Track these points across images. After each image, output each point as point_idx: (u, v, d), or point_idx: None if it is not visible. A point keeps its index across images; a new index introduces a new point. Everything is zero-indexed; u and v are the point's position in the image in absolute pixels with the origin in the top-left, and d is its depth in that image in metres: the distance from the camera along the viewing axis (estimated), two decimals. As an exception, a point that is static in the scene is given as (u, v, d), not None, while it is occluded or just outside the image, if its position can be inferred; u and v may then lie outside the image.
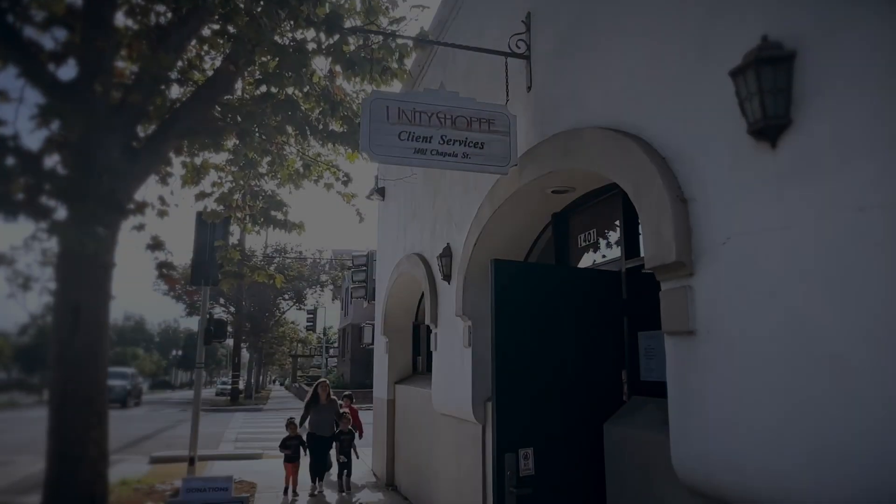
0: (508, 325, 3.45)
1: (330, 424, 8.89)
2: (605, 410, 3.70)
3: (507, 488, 3.26)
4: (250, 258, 14.89)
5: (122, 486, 9.50)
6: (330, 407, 9.06)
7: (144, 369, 67.90)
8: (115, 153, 5.73)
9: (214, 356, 78.35)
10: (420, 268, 7.49)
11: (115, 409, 21.81)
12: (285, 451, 8.59)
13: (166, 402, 34.94)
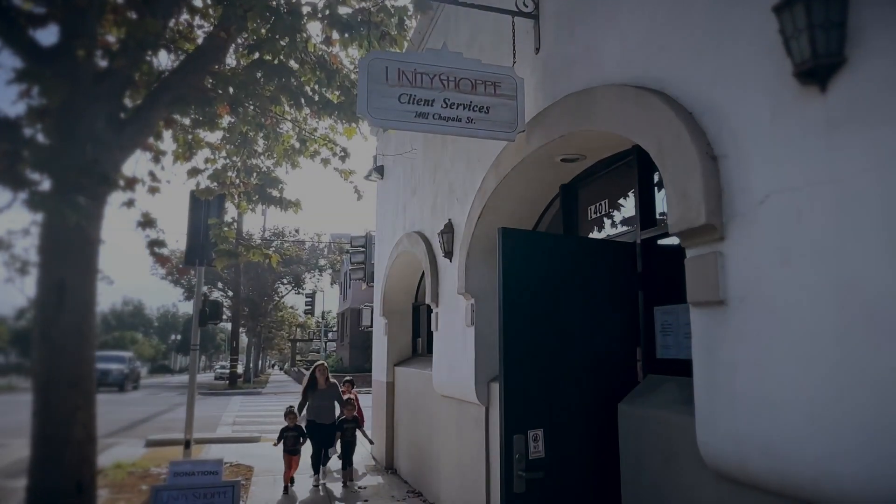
0: (517, 299, 3.21)
1: (330, 410, 8.17)
2: (620, 390, 3.47)
3: (515, 471, 3.04)
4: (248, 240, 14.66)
5: (117, 469, 9.34)
6: (330, 391, 8.29)
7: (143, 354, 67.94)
8: (100, 123, 5.45)
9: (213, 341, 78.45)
10: (420, 245, 7.25)
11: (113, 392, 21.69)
12: (283, 442, 7.88)
13: (165, 385, 34.87)
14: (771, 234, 2.20)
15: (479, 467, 5.36)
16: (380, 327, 9.98)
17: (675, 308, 3.40)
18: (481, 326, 5.40)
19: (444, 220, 6.33)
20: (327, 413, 8.13)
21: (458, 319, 5.86)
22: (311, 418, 8.03)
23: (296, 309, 51.87)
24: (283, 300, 44.80)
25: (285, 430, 7.87)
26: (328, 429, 8.06)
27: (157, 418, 16.35)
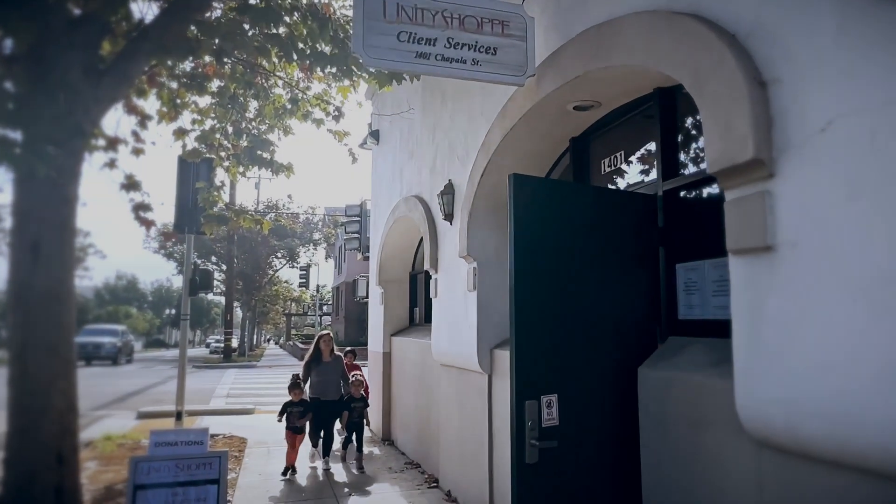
0: (529, 252, 2.90)
1: (336, 386, 7.25)
2: (639, 353, 3.20)
3: (527, 441, 2.77)
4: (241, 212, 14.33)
5: (106, 441, 9.10)
6: (335, 365, 7.35)
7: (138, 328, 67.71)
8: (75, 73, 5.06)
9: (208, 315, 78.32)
10: (418, 209, 6.92)
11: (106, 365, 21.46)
12: (287, 418, 6.89)
13: (160, 359, 34.69)
14: (835, 166, 1.89)
15: (481, 437, 5.12)
16: (376, 297, 9.70)
17: (701, 264, 3.12)
18: (484, 291, 5.12)
19: (444, 180, 6.00)
20: (333, 389, 7.21)
21: (459, 285, 5.57)
22: (315, 395, 7.14)
23: (290, 283, 51.61)
24: (277, 274, 44.52)
25: (289, 405, 6.97)
26: (334, 406, 7.15)
27: (149, 391, 16.14)
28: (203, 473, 3.24)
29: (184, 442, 3.28)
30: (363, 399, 7.39)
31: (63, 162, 4.83)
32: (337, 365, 7.39)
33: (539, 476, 2.80)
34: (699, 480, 2.62)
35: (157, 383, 17.92)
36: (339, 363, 7.45)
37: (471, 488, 5.36)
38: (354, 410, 7.23)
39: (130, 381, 18.21)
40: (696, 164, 3.29)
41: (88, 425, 10.75)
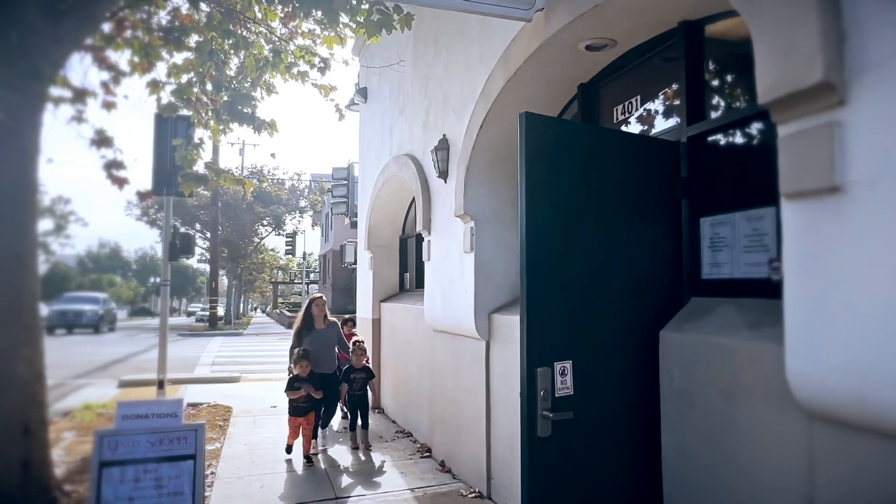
0: (542, 202, 2.57)
1: (332, 356, 6.33)
2: (661, 315, 2.90)
3: (539, 412, 2.48)
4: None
5: (85, 410, 8.76)
6: (329, 332, 6.34)
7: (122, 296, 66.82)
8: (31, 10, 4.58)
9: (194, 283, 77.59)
10: (410, 168, 6.54)
11: (88, 334, 21.03)
12: (294, 399, 5.89)
13: (145, 327, 34.23)
14: (931, 85, 1.56)
15: (478, 407, 4.86)
16: (364, 262, 9.36)
17: (731, 218, 2.80)
18: (482, 252, 4.79)
19: (438, 135, 5.61)
20: (327, 360, 6.26)
21: (455, 246, 5.24)
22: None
23: (276, 251, 51.04)
24: (263, 242, 43.96)
25: (295, 381, 5.90)
26: (330, 380, 6.23)
27: (132, 359, 15.80)
28: (177, 448, 2.93)
29: (155, 414, 2.95)
30: (366, 369, 6.41)
31: (19, 108, 4.39)
32: (332, 332, 6.38)
33: (552, 451, 2.51)
34: (732, 458, 2.35)
35: (141, 351, 17.56)
36: (335, 330, 6.44)
37: (466, 459, 5.12)
38: (355, 382, 6.28)
39: (113, 350, 17.84)
40: (726, 106, 2.94)
41: (67, 394, 10.42)
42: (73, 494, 4.70)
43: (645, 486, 2.79)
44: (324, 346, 6.25)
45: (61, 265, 26.73)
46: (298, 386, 5.84)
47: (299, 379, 5.88)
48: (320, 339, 6.26)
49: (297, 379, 5.90)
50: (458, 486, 5.07)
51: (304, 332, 6.28)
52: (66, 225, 24.23)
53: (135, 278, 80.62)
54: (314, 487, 5.09)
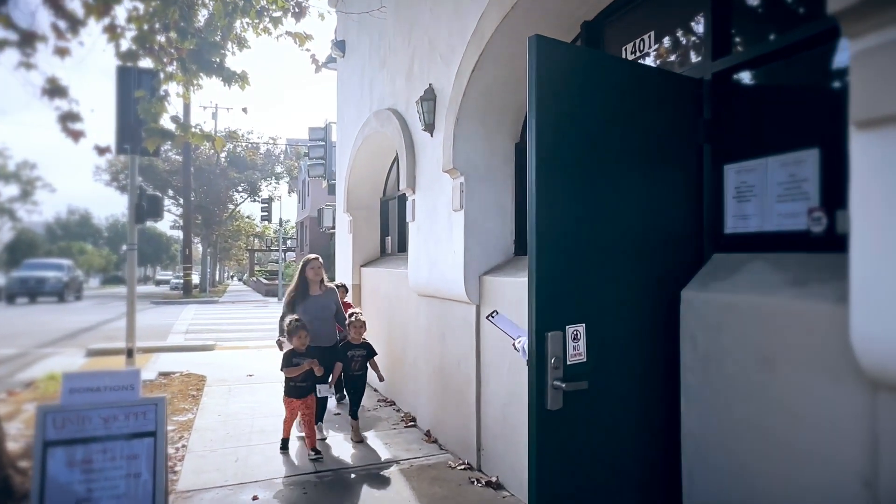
0: (553, 143, 2.21)
1: (330, 328, 5.45)
2: (681, 272, 2.60)
3: (549, 382, 2.17)
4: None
5: (50, 380, 8.32)
6: (327, 300, 5.44)
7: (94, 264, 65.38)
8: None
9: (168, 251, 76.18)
10: (392, 123, 6.11)
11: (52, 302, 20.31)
12: (291, 378, 4.94)
13: (118, 296, 33.43)
14: None
15: (467, 375, 4.57)
16: (344, 226, 8.95)
17: (762, 164, 2.48)
18: (473, 210, 4.44)
19: (424, 85, 5.19)
20: (326, 332, 5.38)
21: (442, 204, 4.88)
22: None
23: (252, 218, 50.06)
24: (238, 209, 43.02)
25: (292, 356, 4.95)
26: (330, 355, 5.28)
27: (102, 327, 15.27)
28: (134, 425, 2.57)
29: (109, 387, 2.58)
30: (366, 346, 5.51)
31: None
32: (329, 300, 5.48)
33: (563, 425, 2.21)
34: (770, 432, 2.07)
35: (111, 320, 17.00)
36: (333, 297, 5.52)
37: (455, 429, 4.85)
38: (353, 361, 5.39)
39: (81, 318, 17.25)
40: (759, 36, 2.60)
41: (31, 364, 9.95)
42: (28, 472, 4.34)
43: (661, 461, 2.52)
44: (321, 315, 5.35)
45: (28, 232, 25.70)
46: (297, 362, 4.90)
47: (297, 353, 4.95)
48: (317, 308, 5.35)
49: (294, 353, 4.95)
50: (445, 457, 4.82)
51: (298, 300, 5.38)
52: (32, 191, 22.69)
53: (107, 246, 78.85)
54: (292, 461, 4.79)
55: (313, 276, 5.45)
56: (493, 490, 4.09)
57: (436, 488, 4.17)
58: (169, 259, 78.59)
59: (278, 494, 4.10)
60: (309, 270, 5.46)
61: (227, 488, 4.21)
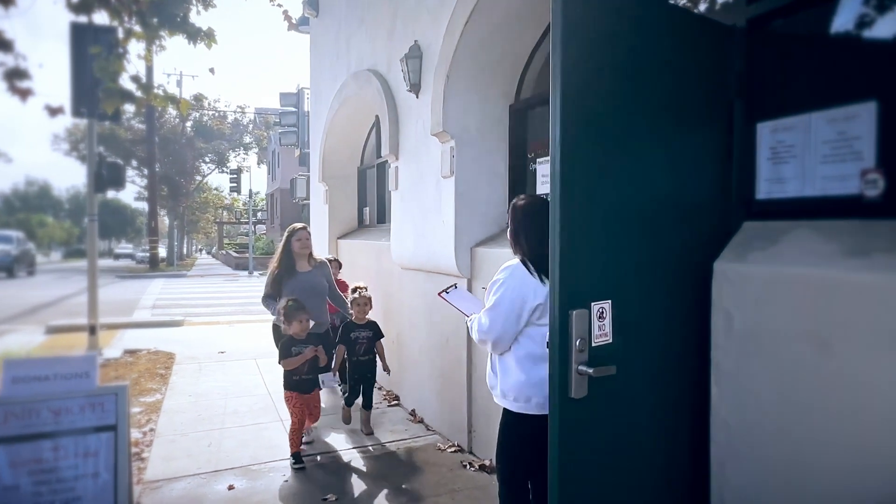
0: (578, 98, 1.91)
1: (322, 310, 4.66)
2: (710, 242, 2.33)
3: (572, 367, 1.90)
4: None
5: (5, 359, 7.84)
6: (318, 276, 4.64)
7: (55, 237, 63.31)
8: None
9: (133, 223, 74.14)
10: (372, 84, 5.71)
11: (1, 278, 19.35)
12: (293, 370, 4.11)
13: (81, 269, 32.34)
14: None
15: (457, 354, 4.31)
16: (319, 196, 8.54)
17: (803, 120, 2.21)
18: (464, 177, 4.13)
19: (409, 42, 4.80)
20: (317, 314, 4.50)
21: (430, 171, 4.55)
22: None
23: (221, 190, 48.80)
24: (206, 180, 41.87)
25: (291, 344, 4.13)
26: (324, 342, 4.38)
27: (63, 302, 14.62)
28: (91, 418, 2.23)
29: (60, 375, 2.23)
30: (372, 326, 4.74)
31: None
32: (321, 276, 4.69)
33: (586, 416, 1.95)
34: (827, 421, 1.84)
35: (73, 294, 16.31)
36: (324, 273, 4.75)
37: (443, 409, 4.60)
38: (358, 343, 4.62)
39: (41, 293, 16.53)
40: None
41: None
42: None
43: (687, 453, 2.29)
44: (311, 295, 4.50)
45: (-14, 204, 24.28)
46: (298, 350, 4.10)
47: (296, 341, 4.14)
48: (306, 287, 4.51)
49: (294, 341, 4.14)
50: (434, 438, 4.57)
51: (284, 278, 4.54)
52: (-12, 162, 21.68)
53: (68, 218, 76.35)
54: (270, 445, 4.49)
55: (300, 249, 4.64)
56: (486, 474, 3.86)
57: (427, 473, 3.92)
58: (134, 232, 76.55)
59: (256, 482, 3.80)
60: (295, 242, 4.65)
61: (199, 477, 3.90)
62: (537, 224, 2.44)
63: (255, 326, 10.62)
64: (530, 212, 2.52)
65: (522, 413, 2.44)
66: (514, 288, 2.40)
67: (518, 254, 2.53)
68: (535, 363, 2.41)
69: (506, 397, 2.50)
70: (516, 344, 2.45)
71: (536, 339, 2.41)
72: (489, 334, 2.47)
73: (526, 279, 2.40)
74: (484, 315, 2.50)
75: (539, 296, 2.37)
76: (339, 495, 3.60)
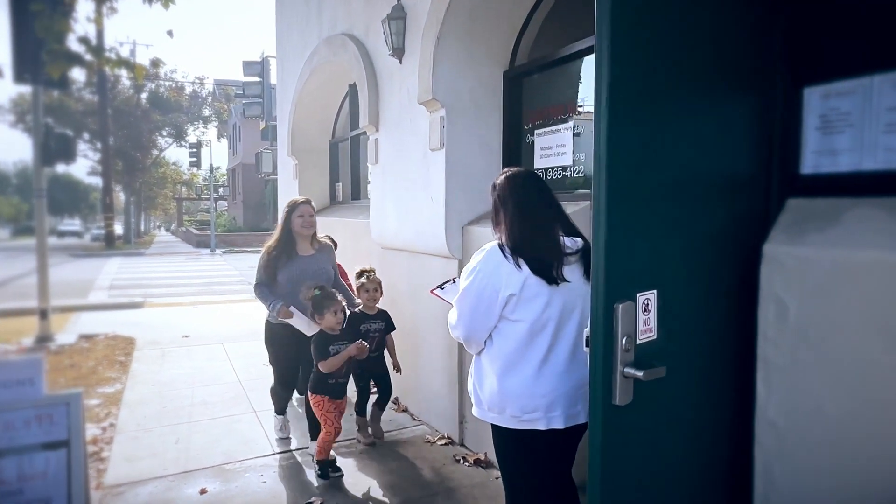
0: (627, 67, 1.60)
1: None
2: (753, 223, 2.08)
3: (617, 370, 1.63)
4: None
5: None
6: (322, 262, 3.91)
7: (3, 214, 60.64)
8: None
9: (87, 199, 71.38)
10: (348, 49, 5.29)
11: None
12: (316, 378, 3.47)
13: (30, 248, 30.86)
14: None
15: (447, 342, 4.02)
16: (287, 170, 8.08)
17: (863, 84, 1.96)
18: (455, 149, 3.80)
19: (391, 2, 4.39)
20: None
21: (416, 143, 4.20)
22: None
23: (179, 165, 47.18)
24: (163, 155, 40.32)
25: (328, 342, 3.42)
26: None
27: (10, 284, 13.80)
28: (37, 434, 1.86)
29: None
30: (383, 315, 4.09)
31: None
32: (326, 262, 3.94)
33: (633, 423, 1.69)
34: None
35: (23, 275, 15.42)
36: (329, 259, 4.00)
37: (430, 399, 4.33)
38: (370, 338, 3.90)
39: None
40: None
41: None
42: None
43: (726, 454, 2.05)
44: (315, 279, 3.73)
45: (-80, 181, 22.79)
46: (337, 349, 3.40)
47: (332, 337, 3.43)
48: (308, 273, 3.75)
49: (330, 338, 3.42)
50: (421, 429, 4.30)
51: (281, 261, 3.74)
52: (-85, 128, 20.40)
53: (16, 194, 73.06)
54: (244, 440, 4.16)
55: (302, 228, 3.80)
56: (482, 469, 3.61)
57: (417, 470, 3.65)
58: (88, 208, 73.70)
59: (231, 485, 3.47)
60: (296, 219, 3.79)
61: (167, 479, 3.55)
62: (518, 198, 2.12)
63: (220, 307, 10.17)
64: (513, 184, 2.16)
65: (499, 426, 2.12)
66: (487, 275, 2.04)
67: (496, 233, 2.18)
68: (510, 368, 2.05)
69: (480, 405, 2.17)
70: (489, 342, 2.12)
71: (511, 337, 2.05)
72: (457, 329, 2.16)
73: (500, 265, 2.03)
74: (454, 306, 2.18)
75: (512, 284, 2.01)
76: (325, 498, 3.30)
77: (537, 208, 2.10)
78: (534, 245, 2.03)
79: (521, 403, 2.02)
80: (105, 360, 6.43)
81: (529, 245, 2.03)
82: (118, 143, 31.18)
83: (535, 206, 2.10)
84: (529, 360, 2.03)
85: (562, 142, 3.48)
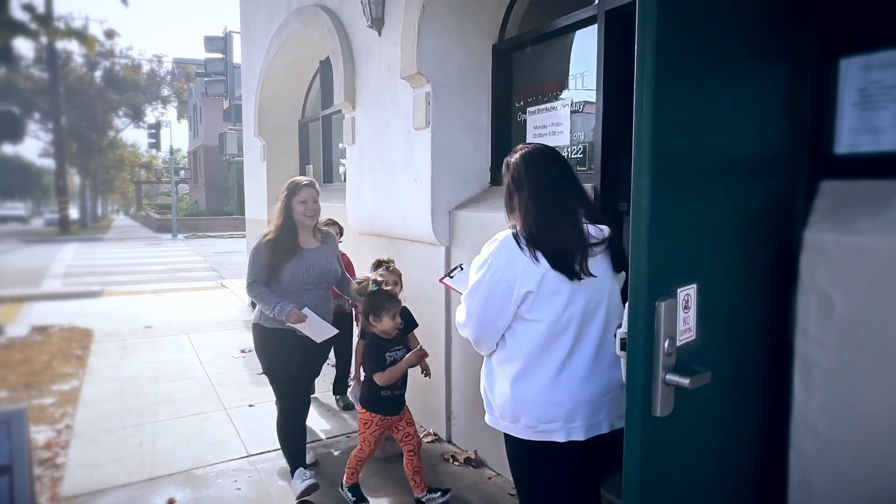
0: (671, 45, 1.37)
1: (329, 297, 3.38)
2: (788, 208, 1.89)
3: (658, 376, 1.42)
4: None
5: None
6: (328, 255, 3.27)
7: (-53, 199, 57.81)
8: None
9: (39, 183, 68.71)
10: (321, 21, 4.95)
11: None
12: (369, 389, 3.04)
13: (-23, 234, 29.41)
14: None
15: (432, 331, 3.79)
16: (255, 152, 7.69)
17: None
18: (442, 129, 3.54)
19: (369, -31, 4.08)
20: (325, 307, 3.29)
21: (398, 122, 3.92)
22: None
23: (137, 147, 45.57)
24: (120, 136, 38.80)
25: (384, 348, 3.02)
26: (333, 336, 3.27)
27: (-43, 272, 13.03)
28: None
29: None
30: (404, 313, 3.28)
31: None
32: (331, 255, 3.31)
33: (674, 436, 1.49)
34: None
35: (-30, 262, 14.63)
36: (334, 251, 3.37)
37: (416, 395, 4.09)
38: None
39: (-69, 261, 14.73)
40: None
41: None
42: None
43: (757, 461, 1.88)
44: (321, 282, 3.24)
45: None
46: (394, 357, 3.00)
47: (387, 342, 3.02)
48: (316, 271, 3.19)
49: (385, 344, 3.02)
50: (405, 426, 4.07)
51: (283, 256, 3.10)
52: None
53: (-39, 177, 69.83)
54: (215, 441, 3.88)
55: (305, 217, 3.16)
56: (473, 468, 3.41)
57: (405, 471, 3.43)
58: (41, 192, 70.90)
59: (203, 492, 3.20)
60: (298, 206, 3.14)
61: (131, 488, 3.25)
62: (536, 179, 1.85)
63: (184, 295, 9.73)
64: (530, 163, 1.88)
65: (513, 436, 1.89)
66: (499, 269, 1.79)
67: (510, 221, 1.91)
68: (524, 373, 1.83)
69: (492, 412, 1.94)
70: (501, 343, 1.89)
71: (527, 339, 1.82)
72: (466, 329, 1.92)
73: (514, 258, 1.78)
74: (462, 303, 1.94)
75: (529, 280, 1.76)
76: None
77: (558, 191, 1.84)
78: (554, 235, 1.78)
79: (536, 412, 1.80)
80: (60, 354, 6.01)
81: (549, 234, 1.78)
82: (71, 124, 29.81)
83: (556, 188, 1.84)
84: (547, 364, 1.80)
85: (557, 120, 3.25)
